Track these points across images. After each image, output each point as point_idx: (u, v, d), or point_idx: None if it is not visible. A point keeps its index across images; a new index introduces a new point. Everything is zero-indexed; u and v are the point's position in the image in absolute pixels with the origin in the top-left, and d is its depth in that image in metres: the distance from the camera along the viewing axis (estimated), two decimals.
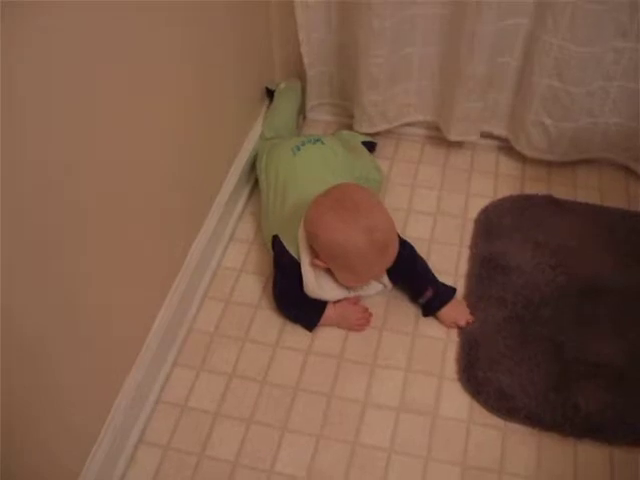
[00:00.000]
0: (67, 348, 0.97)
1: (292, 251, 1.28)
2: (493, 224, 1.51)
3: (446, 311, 1.33)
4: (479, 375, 1.26)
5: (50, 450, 0.97)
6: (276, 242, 1.32)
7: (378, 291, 1.35)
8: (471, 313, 1.34)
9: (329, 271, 1.27)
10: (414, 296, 1.37)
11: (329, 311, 1.33)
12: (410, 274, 1.35)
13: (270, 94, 1.68)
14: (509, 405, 1.23)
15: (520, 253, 1.44)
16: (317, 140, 1.44)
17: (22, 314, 0.85)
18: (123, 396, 1.15)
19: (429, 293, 1.33)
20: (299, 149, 1.41)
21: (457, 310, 1.34)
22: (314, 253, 1.24)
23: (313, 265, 1.25)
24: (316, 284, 1.28)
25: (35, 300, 0.87)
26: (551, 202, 1.55)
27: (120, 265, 1.08)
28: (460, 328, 1.33)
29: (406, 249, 1.32)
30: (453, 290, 1.35)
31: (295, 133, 1.66)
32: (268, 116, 1.64)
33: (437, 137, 1.70)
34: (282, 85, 1.67)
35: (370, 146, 1.66)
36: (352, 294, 1.33)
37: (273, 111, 1.64)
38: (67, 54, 0.85)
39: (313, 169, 1.39)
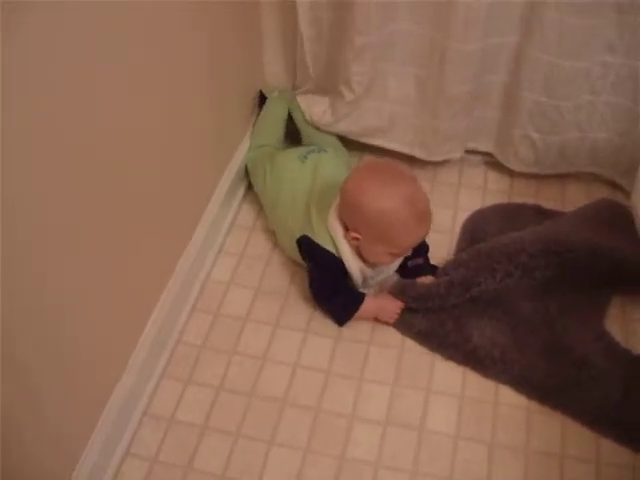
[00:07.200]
0: (54, 358, 0.97)
1: (329, 248, 1.30)
2: (478, 230, 1.52)
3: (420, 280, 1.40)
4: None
5: (37, 462, 0.97)
6: (305, 242, 1.33)
7: (389, 276, 1.40)
8: None
9: (358, 255, 1.31)
10: (405, 259, 1.40)
11: (368, 303, 1.34)
12: None
13: (262, 100, 1.68)
14: (407, 319, 1.35)
15: None
16: (321, 150, 1.50)
17: (9, 323, 0.84)
18: (111, 407, 1.15)
19: (420, 260, 1.40)
20: (306, 157, 1.46)
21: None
22: (346, 226, 1.28)
23: (347, 239, 1.28)
24: (360, 276, 1.33)
25: (23, 309, 0.87)
26: (539, 212, 1.56)
27: (108, 276, 1.08)
28: None
29: None
30: (436, 268, 1.42)
31: (282, 142, 1.66)
32: (256, 125, 1.65)
33: None
34: (275, 93, 1.68)
35: None
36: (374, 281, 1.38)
37: (262, 120, 1.65)
38: (64, 55, 0.87)
39: (327, 171, 1.42)
